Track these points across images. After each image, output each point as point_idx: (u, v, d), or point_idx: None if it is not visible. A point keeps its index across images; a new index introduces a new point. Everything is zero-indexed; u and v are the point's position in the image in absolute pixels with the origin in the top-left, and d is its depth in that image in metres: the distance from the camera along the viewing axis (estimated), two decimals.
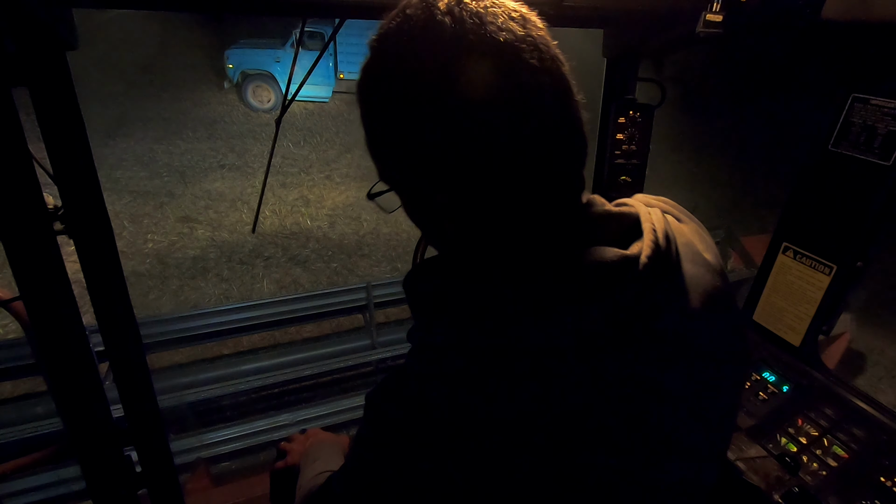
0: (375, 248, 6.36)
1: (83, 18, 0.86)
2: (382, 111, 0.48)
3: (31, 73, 0.76)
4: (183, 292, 5.34)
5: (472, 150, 0.45)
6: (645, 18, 1.16)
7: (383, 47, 0.47)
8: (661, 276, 0.49)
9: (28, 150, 0.77)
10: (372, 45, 0.49)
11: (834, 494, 1.08)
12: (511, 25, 0.44)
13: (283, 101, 5.72)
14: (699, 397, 0.54)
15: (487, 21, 0.43)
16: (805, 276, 1.35)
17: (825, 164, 1.26)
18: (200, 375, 4.14)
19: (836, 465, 1.14)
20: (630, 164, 1.35)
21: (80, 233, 0.89)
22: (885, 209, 1.19)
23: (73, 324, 0.90)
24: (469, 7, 0.44)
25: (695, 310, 0.53)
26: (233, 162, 8.01)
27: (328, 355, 4.44)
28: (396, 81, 0.46)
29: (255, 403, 4.20)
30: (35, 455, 1.17)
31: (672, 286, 0.52)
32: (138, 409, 1.07)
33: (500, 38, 0.43)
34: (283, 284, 5.61)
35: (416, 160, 0.48)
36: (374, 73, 0.49)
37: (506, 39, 0.43)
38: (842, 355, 4.34)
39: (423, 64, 0.43)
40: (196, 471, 3.13)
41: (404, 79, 0.45)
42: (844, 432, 1.20)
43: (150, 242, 6.00)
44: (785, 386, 1.33)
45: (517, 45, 0.44)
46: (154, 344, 4.12)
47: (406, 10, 0.46)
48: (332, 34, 3.30)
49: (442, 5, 0.44)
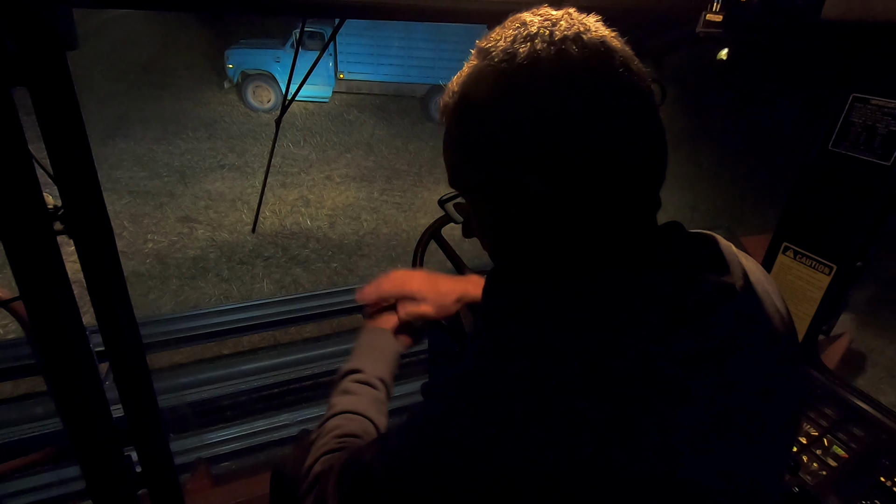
0: (375, 248, 6.36)
1: (83, 18, 0.86)
2: (506, 115, 0.51)
3: (31, 73, 0.76)
4: (183, 292, 5.34)
5: (588, 149, 0.49)
6: (645, 18, 1.16)
7: (513, 67, 0.50)
8: (749, 307, 0.51)
9: (28, 150, 0.77)
10: (500, 63, 0.51)
11: (834, 494, 1.08)
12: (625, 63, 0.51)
13: (283, 101, 5.73)
14: (758, 434, 0.54)
15: (614, 58, 0.51)
16: (805, 276, 1.35)
17: (825, 164, 1.26)
18: (200, 375, 4.14)
19: (836, 465, 1.14)
20: None
21: (80, 233, 0.89)
22: (885, 209, 1.19)
23: (73, 324, 0.90)
24: (591, 40, 0.50)
25: (766, 347, 0.54)
26: (233, 162, 8.01)
27: (328, 355, 4.43)
28: (538, 93, 0.50)
29: (255, 403, 4.19)
30: (35, 455, 1.17)
31: (752, 319, 0.53)
32: (138, 409, 1.07)
33: (619, 73, 0.50)
34: (283, 284, 5.61)
35: (532, 154, 0.50)
36: (504, 84, 0.51)
37: (623, 74, 0.50)
38: (842, 355, 4.34)
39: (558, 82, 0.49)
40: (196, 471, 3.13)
41: (549, 92, 0.49)
42: (844, 432, 1.20)
43: (150, 242, 6.00)
44: None
45: (632, 76, 0.51)
46: (154, 344, 4.11)
47: (528, 32, 0.51)
48: (332, 34, 3.31)
49: (562, 34, 0.50)
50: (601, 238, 0.53)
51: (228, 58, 9.36)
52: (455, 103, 0.56)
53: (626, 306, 0.47)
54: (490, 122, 0.52)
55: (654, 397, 0.45)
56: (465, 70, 0.56)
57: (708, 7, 1.04)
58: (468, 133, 0.55)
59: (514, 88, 0.50)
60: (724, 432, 0.49)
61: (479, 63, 0.54)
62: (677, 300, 0.47)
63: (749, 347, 0.51)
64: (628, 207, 0.53)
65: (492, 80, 0.51)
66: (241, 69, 9.36)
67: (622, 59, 0.51)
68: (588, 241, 0.53)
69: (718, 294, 0.49)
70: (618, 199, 0.52)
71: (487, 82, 0.52)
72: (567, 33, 0.50)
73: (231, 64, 9.36)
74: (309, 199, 7.27)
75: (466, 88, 0.55)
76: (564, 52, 0.49)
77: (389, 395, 0.89)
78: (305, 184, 7.67)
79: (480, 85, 0.53)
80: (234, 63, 9.35)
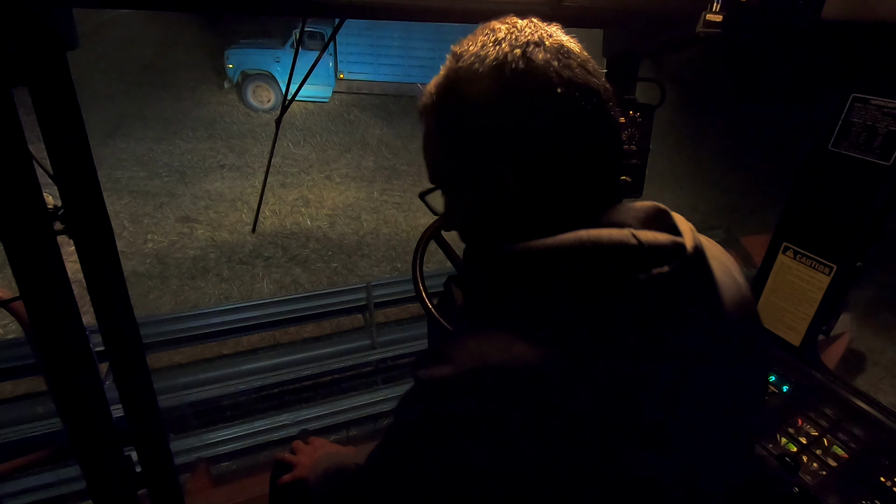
0: (375, 248, 6.36)
1: (83, 18, 0.86)
2: (483, 106, 0.56)
3: (31, 73, 0.76)
4: (183, 292, 5.34)
5: (555, 135, 0.55)
6: (645, 18, 1.16)
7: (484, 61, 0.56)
8: (699, 269, 0.54)
9: (28, 150, 0.77)
10: (478, 62, 0.56)
11: (834, 494, 1.08)
12: (585, 66, 0.57)
13: (283, 101, 5.72)
14: (724, 394, 0.58)
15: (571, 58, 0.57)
16: (805, 276, 1.35)
17: (825, 164, 1.26)
18: (200, 375, 4.14)
19: (836, 465, 1.14)
20: (630, 163, 1.35)
21: (80, 233, 0.89)
22: (885, 209, 1.19)
23: (73, 324, 0.90)
24: (552, 44, 0.56)
25: (725, 311, 0.57)
26: (233, 162, 8.01)
27: (328, 355, 4.43)
28: (512, 85, 0.55)
29: (255, 403, 4.19)
30: (35, 455, 1.16)
31: (706, 283, 0.56)
32: (138, 409, 1.07)
33: (577, 73, 0.56)
34: (283, 284, 5.61)
35: (505, 144, 0.56)
36: (480, 78, 0.56)
37: (585, 77, 0.57)
38: (842, 355, 4.34)
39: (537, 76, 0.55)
40: (196, 471, 3.13)
41: (524, 83, 0.55)
42: (844, 432, 1.20)
43: (150, 242, 6.00)
44: (785, 386, 1.33)
45: (593, 80, 0.57)
46: (154, 344, 4.12)
47: (500, 43, 0.56)
48: (332, 34, 3.31)
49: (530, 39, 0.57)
50: (564, 215, 0.58)
51: (228, 58, 9.35)
52: (433, 103, 0.61)
53: (583, 257, 0.51)
54: (465, 118, 0.58)
55: (610, 349, 0.49)
56: (441, 73, 0.61)
57: (708, 7, 1.04)
58: (446, 129, 0.61)
59: (484, 87, 0.56)
60: (679, 386, 0.52)
61: (453, 66, 0.59)
62: (630, 251, 0.51)
63: (695, 308, 0.54)
64: (588, 192, 0.58)
65: (465, 80, 0.57)
66: (241, 69, 9.36)
67: (580, 61, 0.57)
68: (552, 218, 0.58)
69: (670, 250, 0.52)
70: (578, 184, 0.58)
71: (461, 82, 0.57)
72: (531, 38, 0.56)
73: (231, 64, 9.36)
74: (309, 199, 7.27)
75: (442, 89, 0.60)
76: (529, 54, 0.55)
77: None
78: (305, 184, 7.67)
79: (455, 85, 0.58)
80: (234, 63, 9.35)
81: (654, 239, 0.51)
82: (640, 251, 0.50)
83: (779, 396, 1.31)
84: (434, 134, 0.63)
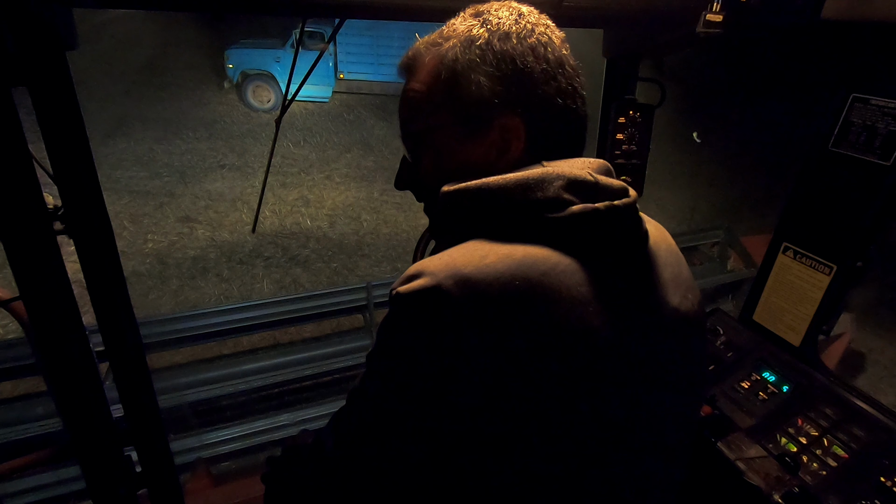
0: (375, 248, 6.36)
1: (83, 18, 0.86)
2: (494, 61, 0.63)
3: (31, 73, 0.76)
4: (183, 292, 5.34)
5: (551, 91, 0.63)
6: (645, 18, 1.16)
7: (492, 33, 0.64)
8: (638, 228, 0.61)
9: (28, 150, 0.77)
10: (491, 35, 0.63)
11: (834, 494, 1.08)
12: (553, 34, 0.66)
13: (283, 101, 5.72)
14: (671, 355, 0.62)
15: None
16: (805, 276, 1.35)
17: (825, 164, 1.26)
18: (200, 375, 4.14)
19: (836, 465, 1.14)
20: (630, 164, 1.35)
21: (80, 233, 0.89)
22: (885, 209, 1.19)
23: (73, 324, 0.90)
24: (528, 20, 0.65)
25: (665, 278, 0.63)
26: (233, 162, 8.01)
27: (328, 355, 4.43)
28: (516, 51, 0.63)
29: (255, 403, 4.19)
30: (35, 455, 1.16)
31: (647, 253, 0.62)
32: (138, 409, 1.07)
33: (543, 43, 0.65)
34: (283, 284, 5.61)
35: (513, 96, 0.63)
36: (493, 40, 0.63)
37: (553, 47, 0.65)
38: (842, 355, 4.34)
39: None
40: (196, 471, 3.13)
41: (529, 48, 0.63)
42: (844, 432, 1.20)
43: (150, 242, 6.00)
44: (785, 386, 1.33)
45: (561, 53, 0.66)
46: (154, 344, 4.11)
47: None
48: (332, 34, 3.31)
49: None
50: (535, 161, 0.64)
51: (228, 58, 9.35)
52: (425, 62, 0.66)
53: (550, 185, 0.57)
54: (458, 75, 0.63)
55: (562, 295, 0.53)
56: (429, 38, 0.68)
57: (708, 7, 1.04)
58: (435, 83, 0.65)
59: (473, 50, 0.63)
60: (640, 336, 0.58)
61: (443, 34, 0.66)
62: (588, 186, 0.57)
63: (641, 239, 0.61)
64: (560, 140, 0.65)
65: (454, 44, 0.63)
66: (241, 69, 9.36)
67: (552, 29, 0.66)
68: (526, 163, 0.64)
69: (619, 191, 0.59)
70: (558, 133, 0.64)
71: (452, 45, 0.64)
72: (510, 11, 0.64)
73: (231, 64, 9.36)
74: (309, 199, 7.27)
75: (435, 51, 0.65)
76: (508, 28, 0.63)
77: None
78: (305, 184, 7.67)
79: (445, 48, 0.64)
80: (234, 63, 9.35)
81: (607, 181, 0.59)
82: (595, 187, 0.57)
83: (779, 396, 1.31)
84: (421, 89, 0.66)
